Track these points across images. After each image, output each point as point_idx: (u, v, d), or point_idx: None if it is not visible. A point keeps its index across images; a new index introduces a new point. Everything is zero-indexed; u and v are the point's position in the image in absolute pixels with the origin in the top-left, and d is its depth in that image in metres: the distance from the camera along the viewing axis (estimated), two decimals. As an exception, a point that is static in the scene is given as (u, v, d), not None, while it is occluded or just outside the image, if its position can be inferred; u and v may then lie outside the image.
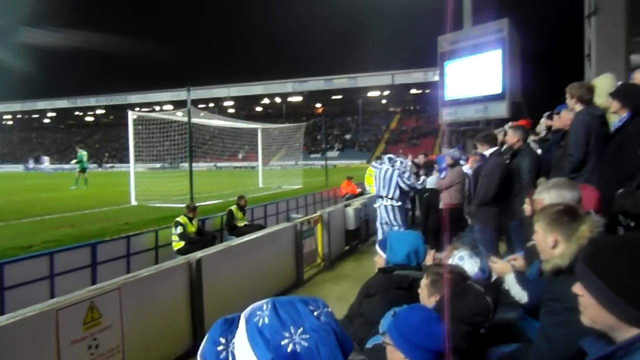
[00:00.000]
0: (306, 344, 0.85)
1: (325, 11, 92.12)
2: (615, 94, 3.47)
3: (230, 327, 1.13)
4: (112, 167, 55.48)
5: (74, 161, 23.07)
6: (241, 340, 0.91)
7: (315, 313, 0.90)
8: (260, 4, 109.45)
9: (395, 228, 7.07)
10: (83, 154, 21.64)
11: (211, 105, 61.11)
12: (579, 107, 3.87)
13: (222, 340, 1.11)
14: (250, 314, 0.92)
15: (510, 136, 4.95)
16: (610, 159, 3.41)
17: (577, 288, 1.19)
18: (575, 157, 3.71)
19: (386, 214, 7.24)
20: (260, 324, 0.89)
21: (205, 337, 1.11)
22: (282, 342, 0.85)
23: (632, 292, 1.05)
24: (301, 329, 0.86)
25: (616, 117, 3.54)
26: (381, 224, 7.45)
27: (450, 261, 2.82)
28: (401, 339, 1.63)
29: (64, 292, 3.53)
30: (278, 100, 66.30)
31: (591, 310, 1.14)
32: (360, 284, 2.92)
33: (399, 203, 7.20)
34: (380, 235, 7.51)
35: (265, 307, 0.91)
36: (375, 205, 7.62)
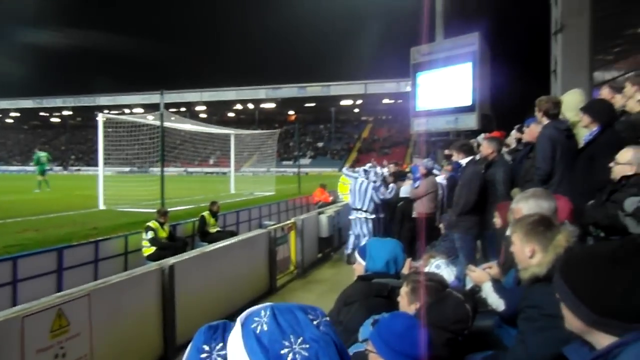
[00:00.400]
0: (306, 354, 0.82)
1: (300, 20, 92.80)
2: (585, 109, 3.60)
3: (214, 335, 1.11)
4: (79, 170, 53.94)
5: (32, 163, 21.52)
6: (235, 346, 0.88)
7: (315, 322, 0.88)
8: (235, 10, 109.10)
9: (366, 239, 7.45)
10: (40, 155, 20.55)
11: (183, 109, 60.22)
12: (545, 121, 4.01)
13: (206, 348, 1.08)
14: (246, 319, 0.90)
15: (485, 147, 5.05)
16: (581, 171, 3.51)
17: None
18: (543, 170, 3.82)
19: (360, 226, 7.83)
20: (258, 331, 0.86)
21: (189, 346, 1.08)
22: (282, 352, 0.83)
23: (592, 298, 1.12)
24: (301, 339, 0.84)
25: (586, 131, 3.66)
26: (352, 234, 8.04)
27: (427, 269, 2.85)
28: (385, 346, 1.63)
29: (28, 298, 3.39)
30: (251, 106, 65.87)
31: (565, 315, 1.21)
32: (333, 292, 2.91)
33: (373, 216, 7.79)
34: (350, 245, 8.11)
35: (263, 313, 0.88)
36: (350, 217, 8.12)
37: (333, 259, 8.78)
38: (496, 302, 2.27)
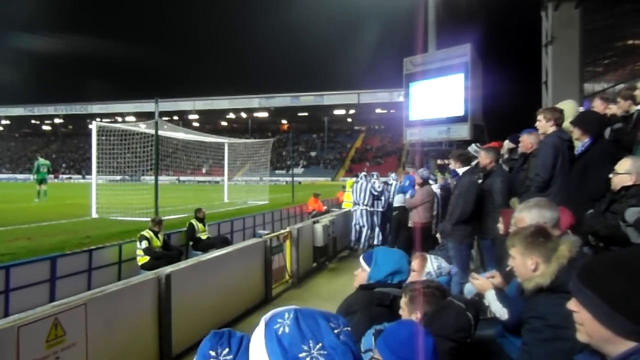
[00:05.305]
0: None
1: (294, 30, 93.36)
2: (575, 122, 3.64)
3: (220, 340, 1.12)
4: (70, 178, 53.52)
5: (33, 171, 20.14)
6: (257, 344, 0.91)
7: (336, 331, 0.89)
8: (229, 19, 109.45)
9: (365, 228, 9.34)
10: (41, 163, 19.51)
11: (175, 118, 60.16)
12: (551, 129, 3.97)
13: (212, 354, 1.09)
14: (270, 320, 0.92)
15: (483, 157, 5.08)
16: (575, 180, 3.54)
17: (572, 304, 1.20)
18: (541, 177, 3.81)
19: (360, 216, 9.41)
20: (280, 332, 0.88)
21: (196, 354, 1.09)
22: (300, 355, 0.84)
23: (630, 307, 1.07)
24: (320, 345, 0.85)
25: (579, 142, 3.70)
26: (354, 225, 9.61)
27: (428, 263, 2.84)
28: (392, 354, 1.62)
29: (21, 308, 3.34)
30: (244, 115, 65.95)
31: (588, 326, 1.15)
32: (329, 302, 2.89)
33: (371, 208, 9.45)
34: (354, 234, 9.71)
35: (287, 315, 0.91)
36: (351, 209, 9.80)
37: (328, 268, 8.76)
38: (500, 311, 2.26)
